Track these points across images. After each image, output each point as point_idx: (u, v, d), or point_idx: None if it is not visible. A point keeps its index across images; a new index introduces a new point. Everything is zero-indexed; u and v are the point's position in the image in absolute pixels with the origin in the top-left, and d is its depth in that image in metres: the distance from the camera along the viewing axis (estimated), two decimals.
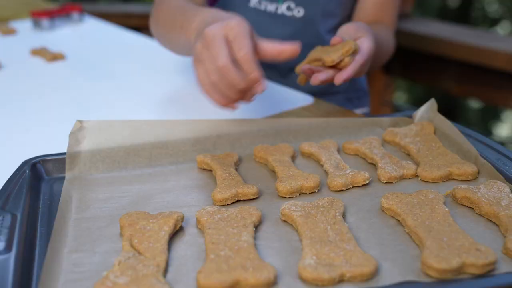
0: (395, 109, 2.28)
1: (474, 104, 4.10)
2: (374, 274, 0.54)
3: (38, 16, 1.51)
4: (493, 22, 4.65)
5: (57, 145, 0.80)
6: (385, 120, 0.88)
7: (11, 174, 0.71)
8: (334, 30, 1.23)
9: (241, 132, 0.82)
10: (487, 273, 0.54)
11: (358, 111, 1.32)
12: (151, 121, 0.81)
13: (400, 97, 4.64)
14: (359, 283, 0.53)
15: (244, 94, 0.75)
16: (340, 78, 0.83)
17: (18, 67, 1.24)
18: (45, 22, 1.51)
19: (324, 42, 1.22)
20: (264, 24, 1.21)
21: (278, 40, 1.16)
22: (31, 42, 1.39)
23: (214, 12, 0.82)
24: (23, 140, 0.89)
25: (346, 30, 0.89)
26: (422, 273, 0.55)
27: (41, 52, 1.29)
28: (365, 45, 0.85)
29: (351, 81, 1.30)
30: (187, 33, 0.85)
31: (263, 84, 0.72)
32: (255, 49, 0.74)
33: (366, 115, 1.31)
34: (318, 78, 0.84)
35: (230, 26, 0.72)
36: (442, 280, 0.54)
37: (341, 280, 0.54)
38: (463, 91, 1.96)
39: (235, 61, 0.71)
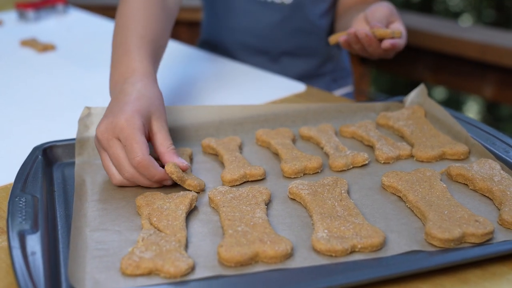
0: (370, 99, 2.32)
1: (438, 95, 4.19)
2: (383, 244, 0.58)
3: (23, 8, 1.51)
4: (454, 15, 4.75)
5: (59, 132, 0.82)
6: (378, 105, 0.92)
7: (25, 159, 0.73)
8: (325, 14, 1.26)
9: (242, 117, 0.85)
10: (486, 242, 0.59)
11: (344, 90, 1.35)
12: None
13: None
14: (369, 253, 0.57)
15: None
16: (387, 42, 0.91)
17: (10, 58, 1.24)
18: (30, 13, 1.51)
19: (315, 27, 1.25)
20: (254, 12, 1.23)
21: (268, 28, 1.15)
22: (18, 34, 1.39)
23: (123, 83, 0.76)
24: (25, 128, 0.90)
25: (378, 14, 0.94)
26: (426, 243, 0.59)
27: (31, 43, 1.29)
28: (402, 30, 0.94)
29: (336, 62, 1.34)
30: (110, 78, 0.82)
31: (173, 176, 0.68)
32: (152, 135, 0.72)
33: (350, 94, 1.36)
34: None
35: (119, 127, 0.67)
36: (445, 249, 0.58)
37: (352, 251, 0.58)
38: (438, 81, 2.01)
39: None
